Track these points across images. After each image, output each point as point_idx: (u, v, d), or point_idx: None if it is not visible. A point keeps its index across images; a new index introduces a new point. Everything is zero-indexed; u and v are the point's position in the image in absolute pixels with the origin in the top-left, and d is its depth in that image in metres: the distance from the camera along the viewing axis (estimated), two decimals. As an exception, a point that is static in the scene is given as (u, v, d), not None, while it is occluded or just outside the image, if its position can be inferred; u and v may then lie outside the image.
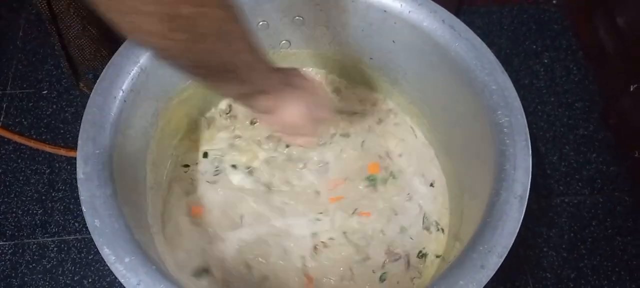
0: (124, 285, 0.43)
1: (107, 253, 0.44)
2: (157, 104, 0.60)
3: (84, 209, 0.46)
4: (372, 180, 0.67)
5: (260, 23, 0.65)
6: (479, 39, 0.58)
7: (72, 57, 0.73)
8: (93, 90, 0.53)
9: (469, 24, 0.60)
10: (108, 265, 0.44)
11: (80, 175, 0.48)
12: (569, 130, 0.88)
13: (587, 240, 0.78)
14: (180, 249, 0.61)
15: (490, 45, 0.58)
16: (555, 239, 0.78)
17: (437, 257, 0.62)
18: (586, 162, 0.85)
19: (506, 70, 0.56)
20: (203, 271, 0.59)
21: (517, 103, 0.54)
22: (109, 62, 0.55)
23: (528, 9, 1.01)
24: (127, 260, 0.44)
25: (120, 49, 0.56)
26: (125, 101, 0.53)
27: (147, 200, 0.58)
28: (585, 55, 0.96)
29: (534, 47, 0.97)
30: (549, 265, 0.76)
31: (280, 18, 0.65)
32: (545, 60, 0.95)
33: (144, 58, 0.55)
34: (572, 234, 0.78)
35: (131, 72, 0.54)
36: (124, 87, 0.53)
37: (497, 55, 0.58)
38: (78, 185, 0.47)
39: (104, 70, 0.54)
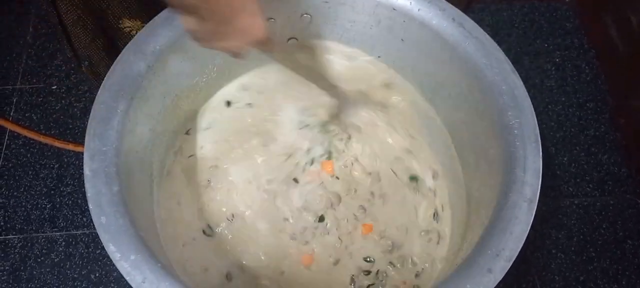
0: (129, 282, 0.43)
1: (113, 251, 0.44)
2: (164, 101, 0.59)
3: (90, 206, 0.46)
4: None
5: (268, 19, 0.64)
6: (489, 38, 0.57)
7: (71, 41, 0.72)
8: (100, 87, 0.53)
9: (479, 21, 0.59)
10: (113, 262, 0.44)
11: (87, 172, 0.48)
12: (579, 131, 0.86)
13: (597, 242, 0.77)
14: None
15: (500, 43, 0.58)
16: (564, 241, 0.77)
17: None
18: (597, 163, 0.83)
19: (516, 69, 0.55)
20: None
21: (527, 103, 0.53)
22: (117, 59, 0.55)
23: (539, 6, 1.00)
24: (132, 257, 0.44)
25: (127, 46, 0.56)
26: (132, 99, 0.53)
27: (153, 197, 0.58)
28: (597, 54, 0.94)
29: (545, 45, 0.95)
30: (557, 268, 0.75)
31: (288, 15, 0.65)
32: (557, 59, 0.94)
33: (151, 56, 0.55)
34: (581, 237, 0.77)
35: (139, 70, 0.54)
36: (131, 85, 0.53)
37: (507, 53, 0.57)
38: (85, 182, 0.47)
39: (112, 68, 0.54)
